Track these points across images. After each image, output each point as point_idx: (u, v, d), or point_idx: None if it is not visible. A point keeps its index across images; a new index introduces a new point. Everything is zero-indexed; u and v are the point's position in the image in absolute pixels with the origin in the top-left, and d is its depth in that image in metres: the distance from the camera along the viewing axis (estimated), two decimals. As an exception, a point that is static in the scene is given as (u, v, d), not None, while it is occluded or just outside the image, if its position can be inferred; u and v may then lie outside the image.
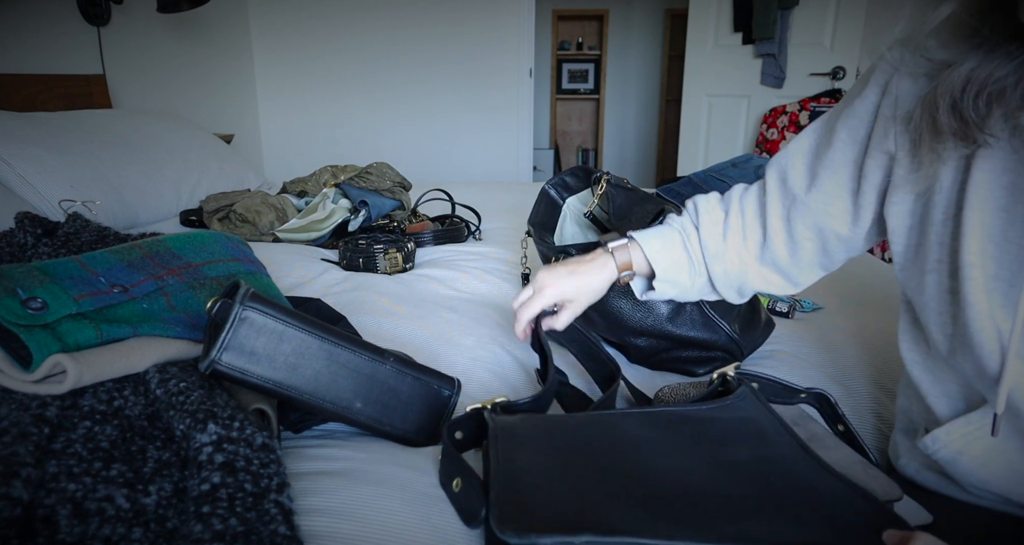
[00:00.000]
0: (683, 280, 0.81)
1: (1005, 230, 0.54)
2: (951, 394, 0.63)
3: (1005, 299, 0.54)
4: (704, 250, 0.80)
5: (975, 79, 0.52)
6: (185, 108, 2.90)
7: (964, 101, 0.52)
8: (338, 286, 1.27)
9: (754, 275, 0.80)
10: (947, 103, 0.53)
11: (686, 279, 0.81)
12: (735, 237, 0.79)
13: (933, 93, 0.55)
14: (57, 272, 0.70)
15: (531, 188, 2.51)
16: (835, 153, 0.68)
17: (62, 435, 0.58)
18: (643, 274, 0.84)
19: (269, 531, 0.50)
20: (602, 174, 1.08)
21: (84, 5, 2.29)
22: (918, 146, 0.58)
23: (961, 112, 0.53)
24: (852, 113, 0.66)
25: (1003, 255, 0.55)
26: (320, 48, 3.62)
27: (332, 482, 0.62)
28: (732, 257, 0.80)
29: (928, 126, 0.56)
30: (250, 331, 0.65)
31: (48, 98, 2.09)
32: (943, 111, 0.54)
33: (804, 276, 0.78)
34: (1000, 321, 0.54)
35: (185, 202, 1.93)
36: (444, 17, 3.58)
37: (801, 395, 0.77)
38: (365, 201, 1.65)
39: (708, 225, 0.80)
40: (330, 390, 0.68)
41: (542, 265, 1.20)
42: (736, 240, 0.79)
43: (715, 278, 0.81)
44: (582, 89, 6.14)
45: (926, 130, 0.56)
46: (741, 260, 0.79)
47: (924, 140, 0.57)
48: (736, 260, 0.80)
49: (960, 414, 0.62)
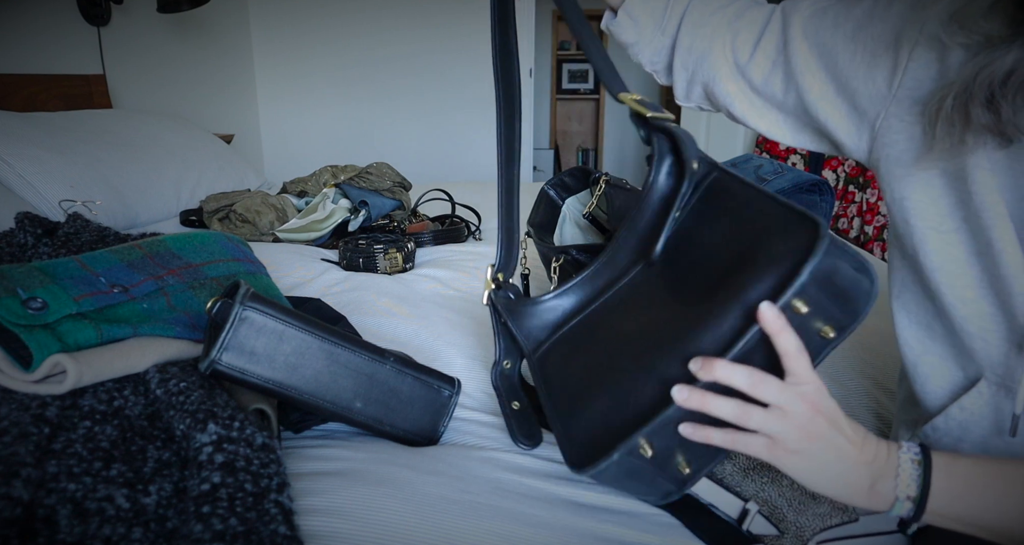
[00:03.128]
0: (647, 25, 0.77)
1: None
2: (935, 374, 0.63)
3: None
4: (687, 11, 0.76)
5: (1020, 72, 0.49)
6: (185, 108, 2.90)
7: (1003, 94, 0.50)
8: (338, 286, 1.27)
9: (718, 67, 0.74)
10: (984, 95, 0.51)
11: (651, 25, 0.77)
12: (725, 22, 0.74)
13: (972, 82, 0.52)
14: (57, 272, 0.70)
15: (531, 188, 2.50)
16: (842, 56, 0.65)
17: (62, 435, 0.58)
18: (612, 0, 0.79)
19: (269, 531, 0.50)
20: (601, 175, 1.08)
21: (84, 5, 2.29)
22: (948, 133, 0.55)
23: (998, 107, 0.50)
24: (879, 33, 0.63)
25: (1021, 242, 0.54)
26: (320, 48, 3.62)
27: (332, 482, 0.62)
28: (705, 36, 0.74)
29: (960, 117, 0.53)
30: (250, 331, 0.65)
31: (48, 98, 2.09)
32: (978, 103, 0.51)
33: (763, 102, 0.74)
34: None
35: (185, 202, 1.93)
36: (444, 17, 3.58)
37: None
38: (365, 201, 1.65)
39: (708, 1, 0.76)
40: (330, 390, 0.68)
41: (542, 265, 1.20)
42: (723, 25, 0.74)
43: (678, 47, 0.76)
44: (582, 89, 6.14)
45: (958, 120, 0.53)
46: (711, 43, 0.74)
47: (955, 129, 0.54)
48: (706, 42, 0.75)
49: (943, 395, 0.62)
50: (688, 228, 0.60)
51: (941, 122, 0.55)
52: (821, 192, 1.99)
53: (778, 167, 2.12)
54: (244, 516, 0.50)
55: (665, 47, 0.78)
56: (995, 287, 0.56)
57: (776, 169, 2.11)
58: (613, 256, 0.67)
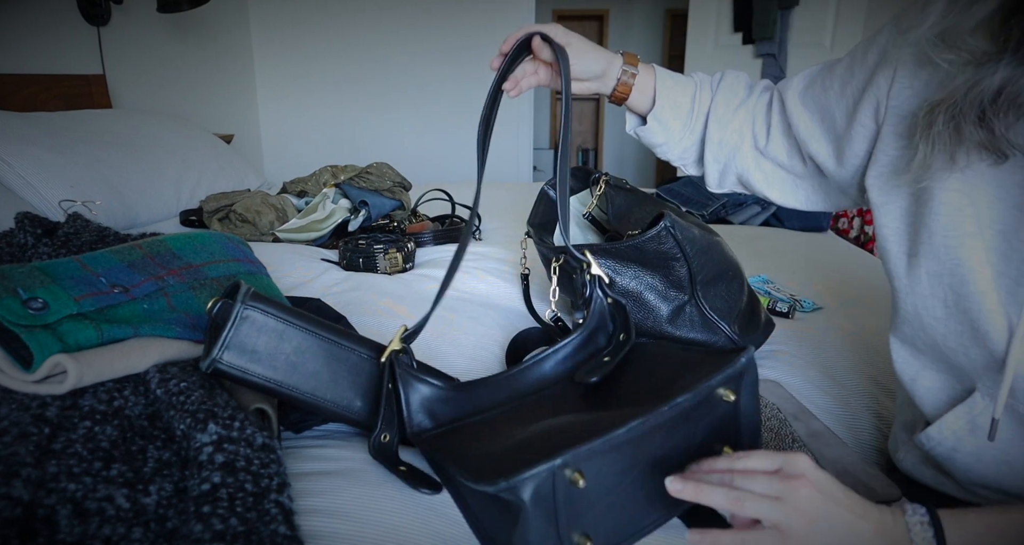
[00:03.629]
0: (675, 127, 0.81)
1: (1017, 228, 0.54)
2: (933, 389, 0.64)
3: (1010, 297, 0.55)
4: (711, 112, 0.80)
5: (1011, 89, 0.50)
6: (185, 108, 2.90)
7: (994, 112, 0.51)
8: (338, 286, 1.27)
9: (746, 157, 0.80)
10: (975, 113, 0.52)
11: (679, 128, 0.81)
12: (745, 115, 0.79)
13: (962, 100, 0.52)
14: (58, 272, 0.70)
15: (531, 188, 2.51)
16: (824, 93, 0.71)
17: (62, 435, 0.58)
18: (638, 108, 0.84)
19: (269, 531, 0.50)
20: (600, 175, 1.08)
21: (84, 5, 2.29)
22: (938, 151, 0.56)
23: (991, 124, 0.51)
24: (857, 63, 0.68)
25: (1012, 253, 0.55)
26: (320, 48, 3.62)
27: (332, 482, 0.62)
28: (734, 130, 0.79)
29: (951, 134, 0.54)
30: (251, 330, 0.65)
31: (48, 98, 2.09)
32: (970, 121, 0.52)
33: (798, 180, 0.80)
34: (1011, 315, 0.55)
35: (185, 202, 1.93)
36: (444, 17, 3.58)
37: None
38: (365, 201, 1.65)
39: (726, 93, 0.80)
40: (331, 389, 0.68)
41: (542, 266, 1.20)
42: (745, 118, 0.79)
43: (708, 142, 0.81)
44: (582, 89, 6.13)
45: (949, 138, 0.54)
46: (741, 137, 0.80)
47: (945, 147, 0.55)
48: (736, 136, 0.80)
49: (944, 409, 0.63)
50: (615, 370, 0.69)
51: (932, 140, 0.56)
52: (821, 192, 2.00)
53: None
54: (244, 516, 0.50)
55: (694, 143, 0.83)
56: (962, 305, 0.57)
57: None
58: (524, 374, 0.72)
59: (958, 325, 0.58)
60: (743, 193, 0.88)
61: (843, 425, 0.84)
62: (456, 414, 0.66)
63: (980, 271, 0.56)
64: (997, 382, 0.57)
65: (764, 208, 2.01)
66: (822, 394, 0.89)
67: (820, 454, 0.65)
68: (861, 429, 0.85)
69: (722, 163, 0.82)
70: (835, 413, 0.86)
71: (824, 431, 0.69)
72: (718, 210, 2.01)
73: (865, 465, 0.64)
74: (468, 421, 0.65)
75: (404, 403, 0.65)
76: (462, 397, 0.67)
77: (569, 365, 0.73)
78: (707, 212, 1.99)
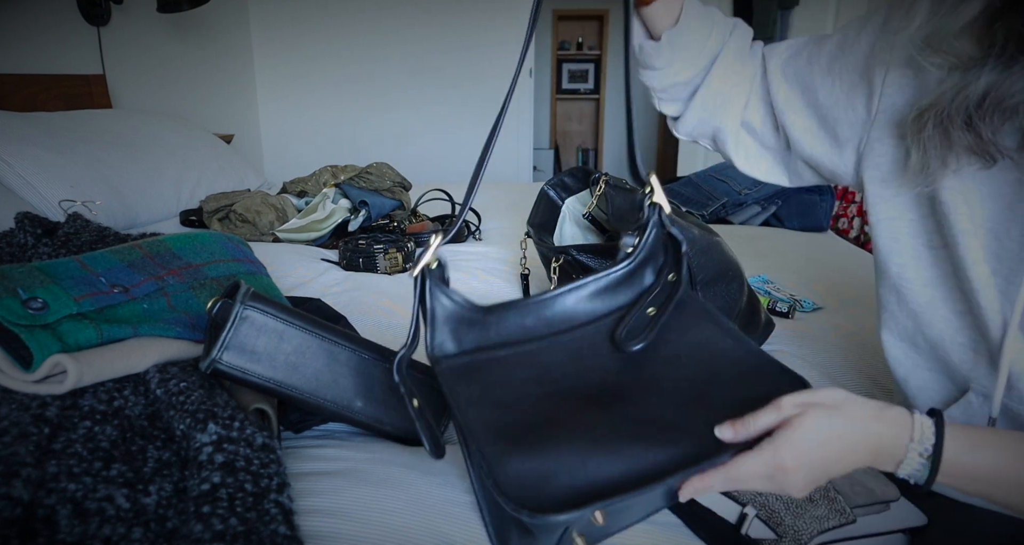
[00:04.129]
0: (683, 57, 0.74)
1: (1008, 227, 0.55)
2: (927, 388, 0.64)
3: (1003, 295, 0.55)
4: (719, 57, 0.75)
5: (995, 94, 0.50)
6: (185, 108, 2.90)
7: (980, 116, 0.51)
8: (338, 286, 1.27)
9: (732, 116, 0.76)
10: (962, 118, 0.52)
11: (686, 59, 0.74)
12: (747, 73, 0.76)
13: (948, 105, 0.53)
14: (58, 272, 0.70)
15: (531, 188, 2.51)
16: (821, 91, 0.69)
17: (62, 435, 0.58)
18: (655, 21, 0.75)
19: (269, 531, 0.50)
20: (600, 175, 1.08)
21: (84, 5, 2.29)
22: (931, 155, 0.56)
23: (978, 128, 0.52)
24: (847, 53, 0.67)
25: (1003, 252, 0.55)
26: (320, 48, 3.62)
27: (332, 482, 0.62)
28: (734, 84, 0.75)
29: (941, 139, 0.55)
30: (251, 330, 0.65)
31: (48, 98, 2.09)
32: (958, 126, 0.53)
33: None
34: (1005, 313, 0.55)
35: (185, 202, 1.93)
36: (444, 17, 3.58)
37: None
38: (365, 201, 1.65)
39: (738, 42, 0.76)
40: (331, 389, 0.68)
41: (542, 265, 1.20)
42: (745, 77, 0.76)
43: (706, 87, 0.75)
44: (582, 89, 6.14)
45: (940, 143, 0.55)
46: (737, 94, 0.76)
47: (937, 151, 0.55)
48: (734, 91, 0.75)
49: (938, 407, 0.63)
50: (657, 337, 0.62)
51: (923, 145, 0.56)
52: (821, 192, 2.00)
53: (778, 167, 2.13)
54: (244, 516, 0.50)
55: (689, 81, 0.77)
56: (964, 302, 0.58)
57: (776, 169, 2.11)
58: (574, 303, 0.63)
59: (961, 321, 0.59)
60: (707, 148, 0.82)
61: (843, 425, 0.84)
62: (480, 342, 0.59)
63: (979, 267, 0.56)
64: (992, 380, 0.57)
65: (764, 208, 2.01)
66: (822, 394, 0.89)
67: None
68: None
69: (708, 113, 0.77)
70: (835, 413, 0.86)
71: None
72: (718, 210, 2.01)
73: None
74: (493, 355, 0.58)
75: (431, 318, 0.58)
76: (489, 322, 0.60)
77: (609, 302, 0.63)
78: (707, 212, 1.99)
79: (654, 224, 0.63)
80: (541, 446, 0.50)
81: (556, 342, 0.60)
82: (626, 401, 0.56)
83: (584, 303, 0.62)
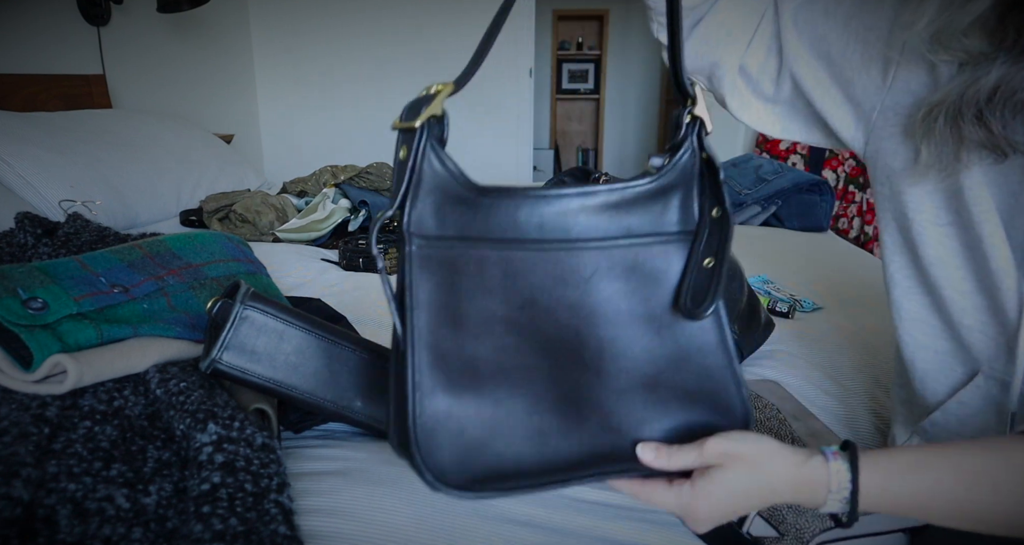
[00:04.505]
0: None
1: (1012, 216, 0.55)
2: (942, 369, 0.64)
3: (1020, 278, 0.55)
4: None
5: (1005, 88, 0.50)
6: (185, 108, 2.90)
7: (990, 110, 0.51)
8: (338, 286, 1.27)
9: (734, 53, 0.71)
10: (973, 112, 0.52)
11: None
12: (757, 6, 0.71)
13: (959, 100, 0.53)
14: (58, 272, 0.70)
15: (531, 188, 2.50)
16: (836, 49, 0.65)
17: (62, 435, 0.58)
18: None
19: (269, 531, 0.50)
20: (600, 175, 1.08)
21: (84, 5, 2.29)
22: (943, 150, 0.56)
23: (988, 123, 0.52)
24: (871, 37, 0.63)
25: (1010, 240, 0.55)
26: (320, 48, 3.62)
27: (332, 482, 0.62)
28: (741, 15, 0.71)
29: (953, 135, 0.54)
30: (251, 330, 0.65)
31: (48, 98, 2.09)
32: (968, 120, 0.52)
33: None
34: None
35: (185, 202, 1.93)
36: (444, 17, 3.58)
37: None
38: (365, 201, 1.65)
39: None
40: (330, 389, 0.68)
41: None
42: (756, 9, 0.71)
43: (712, 14, 0.71)
44: (582, 89, 6.14)
45: (951, 138, 0.55)
46: (744, 28, 0.71)
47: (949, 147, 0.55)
48: (741, 23, 0.71)
49: (944, 392, 0.63)
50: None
51: (935, 140, 0.56)
52: (821, 192, 2.00)
53: (778, 167, 2.13)
54: (244, 516, 0.50)
55: (700, 7, 0.73)
56: (986, 282, 0.57)
57: (776, 169, 2.11)
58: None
59: (982, 299, 0.58)
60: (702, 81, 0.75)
61: (843, 424, 0.84)
62: (463, 228, 0.50)
63: (1001, 248, 0.56)
64: (1008, 364, 0.57)
65: (764, 208, 2.01)
66: (822, 394, 0.89)
67: (820, 454, 0.65)
68: (861, 428, 0.85)
69: (708, 46, 0.72)
70: (835, 413, 0.86)
71: (824, 431, 0.69)
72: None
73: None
74: (472, 252, 0.50)
75: (416, 183, 0.49)
76: (481, 205, 0.50)
77: (617, 222, 0.53)
78: (707, 212, 1.99)
79: (689, 145, 0.53)
80: (477, 399, 0.47)
81: (543, 256, 0.51)
82: (578, 362, 0.51)
83: (588, 214, 0.52)
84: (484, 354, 0.49)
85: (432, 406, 0.46)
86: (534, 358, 0.50)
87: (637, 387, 0.51)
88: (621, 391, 0.51)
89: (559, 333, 0.51)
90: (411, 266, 0.48)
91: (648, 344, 0.52)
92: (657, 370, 0.52)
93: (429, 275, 0.48)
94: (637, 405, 0.51)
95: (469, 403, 0.47)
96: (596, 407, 0.50)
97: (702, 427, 0.51)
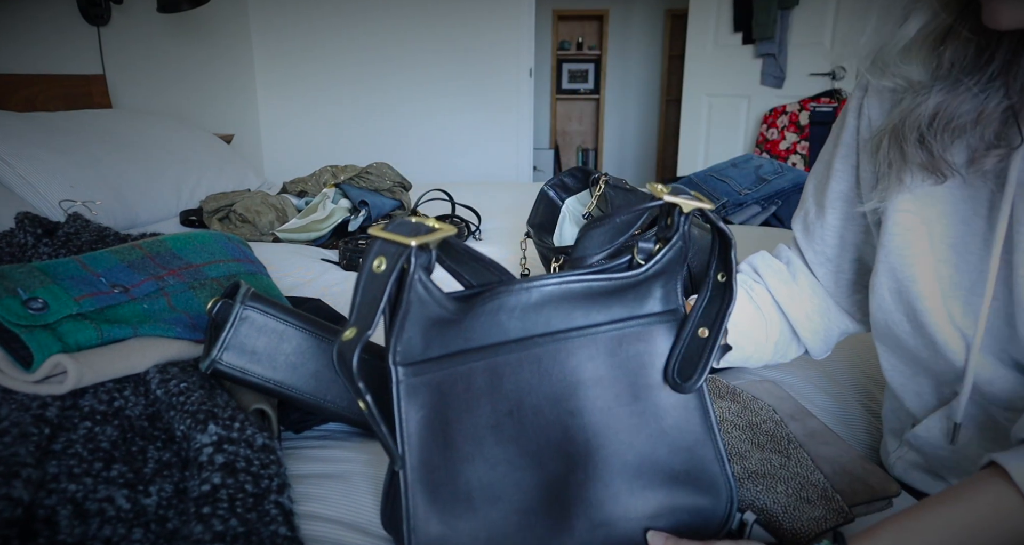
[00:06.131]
0: (758, 336, 0.74)
1: (966, 242, 0.56)
2: (922, 393, 0.65)
3: (966, 307, 0.56)
4: (775, 297, 0.75)
5: (943, 114, 0.53)
6: (185, 108, 2.90)
7: (931, 135, 0.54)
8: (338, 286, 1.27)
9: (837, 311, 0.74)
10: (915, 136, 0.55)
11: (761, 334, 0.74)
12: (804, 276, 0.75)
13: (901, 124, 0.56)
14: (58, 272, 0.70)
15: (531, 188, 2.51)
16: (835, 184, 0.69)
17: (62, 435, 0.58)
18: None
19: (270, 532, 0.50)
20: (600, 175, 1.08)
21: (84, 5, 2.29)
22: (885, 173, 0.59)
23: (929, 146, 0.54)
24: (842, 143, 0.67)
25: (963, 264, 0.56)
26: (320, 48, 3.62)
27: (332, 482, 0.62)
28: (807, 295, 0.74)
29: (896, 156, 0.57)
30: (251, 330, 0.65)
31: (48, 98, 2.09)
32: (911, 143, 0.55)
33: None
34: (963, 327, 0.56)
35: (185, 202, 1.93)
36: (444, 17, 3.58)
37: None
38: (365, 201, 1.66)
39: (770, 274, 0.76)
40: (331, 389, 0.68)
41: (542, 266, 1.20)
42: (807, 278, 0.75)
43: (796, 323, 0.74)
44: (582, 89, 6.14)
45: (895, 159, 0.57)
46: (813, 299, 0.74)
47: (892, 168, 0.58)
48: (813, 297, 0.74)
49: (932, 410, 0.64)
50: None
51: (881, 161, 0.58)
52: (821, 192, 2.00)
53: (778, 167, 2.13)
54: (244, 517, 0.50)
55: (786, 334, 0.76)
56: (918, 322, 0.59)
57: (776, 169, 2.11)
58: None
59: (921, 339, 0.60)
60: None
61: (841, 423, 0.85)
62: (447, 347, 0.49)
63: (930, 287, 0.57)
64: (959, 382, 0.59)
65: (764, 208, 2.01)
66: (820, 393, 0.89)
67: (817, 453, 0.65)
68: (859, 427, 0.85)
69: (822, 332, 0.75)
70: (833, 412, 0.86)
71: (822, 430, 0.69)
72: (718, 210, 2.01)
73: (863, 462, 0.64)
74: (456, 369, 0.49)
75: (404, 312, 0.46)
76: (464, 318, 0.49)
77: (601, 313, 0.52)
78: (707, 212, 1.99)
79: (680, 237, 0.52)
80: (471, 524, 0.47)
81: (527, 354, 0.51)
82: (567, 462, 0.50)
83: (571, 304, 0.51)
84: (476, 476, 0.48)
85: (427, 534, 0.46)
86: (524, 468, 0.49)
87: (624, 475, 0.51)
88: (608, 482, 0.50)
89: (547, 434, 0.50)
90: (399, 397, 0.47)
91: (632, 428, 0.52)
92: (642, 455, 0.52)
93: (418, 405, 0.47)
94: (623, 493, 0.51)
95: (463, 529, 0.47)
96: (586, 505, 0.50)
97: (688, 509, 0.51)
